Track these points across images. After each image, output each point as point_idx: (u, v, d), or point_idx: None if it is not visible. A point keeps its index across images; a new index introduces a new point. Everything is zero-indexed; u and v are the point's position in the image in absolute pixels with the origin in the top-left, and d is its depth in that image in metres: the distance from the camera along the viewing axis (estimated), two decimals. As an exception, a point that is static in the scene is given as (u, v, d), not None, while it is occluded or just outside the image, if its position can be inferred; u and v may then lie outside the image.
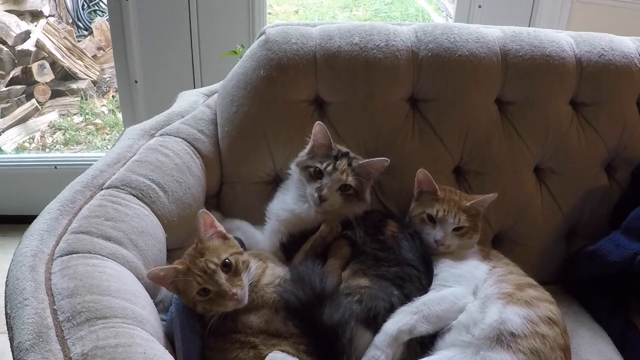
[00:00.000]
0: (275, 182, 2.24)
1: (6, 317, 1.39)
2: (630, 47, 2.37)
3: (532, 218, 2.32)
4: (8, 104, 5.06)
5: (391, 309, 1.73)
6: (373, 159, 2.00)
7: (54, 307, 1.37)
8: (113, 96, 5.41)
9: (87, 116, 5.34)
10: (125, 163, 1.93)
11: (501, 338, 1.64)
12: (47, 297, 1.40)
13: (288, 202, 2.04)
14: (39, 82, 5.20)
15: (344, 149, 2.02)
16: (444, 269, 1.92)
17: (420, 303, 1.75)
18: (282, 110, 2.20)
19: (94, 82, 5.50)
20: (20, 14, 5.24)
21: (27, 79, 5.21)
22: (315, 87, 2.22)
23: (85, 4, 5.80)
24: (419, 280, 1.84)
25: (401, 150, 2.23)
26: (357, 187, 1.96)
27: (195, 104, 2.35)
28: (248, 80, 2.21)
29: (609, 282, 2.20)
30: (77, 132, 5.19)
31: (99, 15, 5.79)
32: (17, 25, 5.10)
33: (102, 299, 1.40)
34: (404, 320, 1.70)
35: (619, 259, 2.06)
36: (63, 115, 5.28)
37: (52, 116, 5.21)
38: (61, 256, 1.52)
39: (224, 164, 2.23)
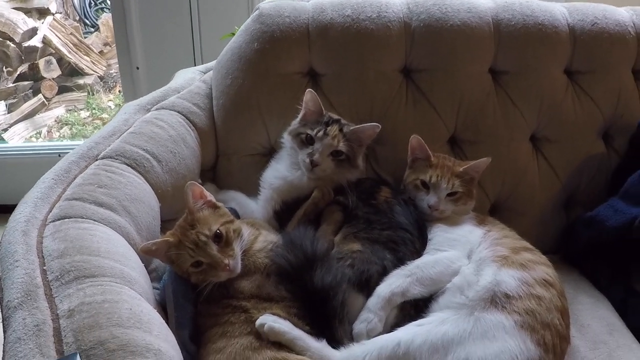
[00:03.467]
0: (271, 154, 2.24)
1: (-3, 280, 1.40)
2: (624, 16, 2.38)
3: (529, 187, 2.32)
4: (15, 100, 5.13)
5: (384, 273, 1.73)
6: (364, 125, 1.99)
7: (44, 267, 1.39)
8: (120, 91, 5.44)
9: (93, 111, 5.39)
10: (120, 135, 1.94)
11: (495, 299, 1.63)
12: (37, 259, 1.41)
13: (281, 170, 2.05)
14: (45, 78, 5.26)
15: (335, 116, 2.03)
16: (438, 234, 1.91)
17: (414, 266, 1.75)
18: (275, 83, 2.22)
19: (101, 78, 5.56)
20: (27, 12, 5.31)
21: (34, 75, 5.27)
22: (309, 59, 2.24)
23: (92, 1, 5.84)
24: (412, 244, 1.84)
25: (395, 120, 2.24)
26: (349, 152, 1.96)
27: (192, 80, 2.37)
28: (242, 54, 2.22)
29: (608, 250, 2.18)
30: (84, 126, 5.24)
31: (106, 12, 5.83)
32: (24, 22, 5.17)
33: (91, 259, 1.42)
34: (397, 282, 1.70)
35: (618, 223, 2.04)
36: (70, 110, 5.34)
37: (59, 111, 5.26)
38: (53, 221, 1.53)
39: (219, 137, 2.25)
